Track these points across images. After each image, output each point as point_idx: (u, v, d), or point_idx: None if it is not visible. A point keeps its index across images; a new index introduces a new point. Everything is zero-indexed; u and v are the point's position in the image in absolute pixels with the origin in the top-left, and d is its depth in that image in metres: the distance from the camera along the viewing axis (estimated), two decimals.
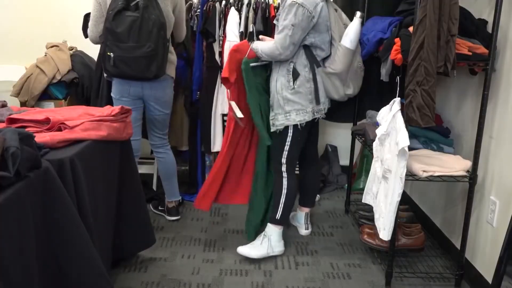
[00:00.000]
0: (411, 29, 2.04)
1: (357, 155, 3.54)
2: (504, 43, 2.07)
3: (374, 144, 2.25)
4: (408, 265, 2.45)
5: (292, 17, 2.28)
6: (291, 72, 2.40)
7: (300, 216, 2.84)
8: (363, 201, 2.40)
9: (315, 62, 2.42)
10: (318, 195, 3.36)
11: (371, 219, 2.58)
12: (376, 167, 2.24)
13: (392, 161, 2.07)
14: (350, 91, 2.51)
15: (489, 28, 2.09)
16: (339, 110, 3.04)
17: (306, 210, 2.84)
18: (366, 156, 3.46)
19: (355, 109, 2.95)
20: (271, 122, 2.50)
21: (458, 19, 1.91)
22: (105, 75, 2.68)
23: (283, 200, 2.53)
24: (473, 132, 2.19)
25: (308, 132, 2.55)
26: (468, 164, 2.17)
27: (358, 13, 2.41)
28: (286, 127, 2.45)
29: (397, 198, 2.05)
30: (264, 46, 2.41)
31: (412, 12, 2.08)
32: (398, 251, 2.40)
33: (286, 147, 2.49)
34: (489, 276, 2.09)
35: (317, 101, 2.44)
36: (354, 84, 2.52)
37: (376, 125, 2.39)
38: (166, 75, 2.61)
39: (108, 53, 2.41)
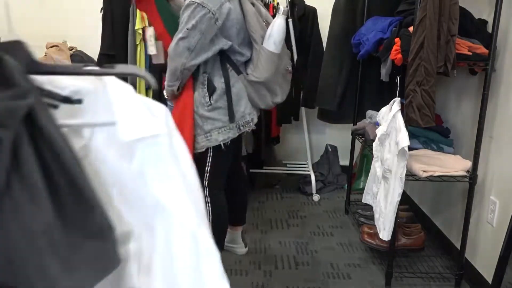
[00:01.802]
0: (411, 29, 2.04)
1: (357, 155, 3.54)
2: (504, 43, 2.07)
3: (374, 144, 2.25)
4: (408, 265, 2.45)
5: (187, 18, 1.90)
6: (205, 86, 2.04)
7: (237, 236, 2.54)
8: (363, 201, 2.41)
9: (235, 69, 2.07)
10: (318, 195, 3.36)
11: (371, 219, 2.59)
12: (376, 167, 2.24)
13: (392, 161, 2.07)
14: (278, 99, 2.19)
15: (489, 28, 2.09)
16: (339, 111, 3.05)
17: (240, 228, 2.54)
18: (366, 156, 3.46)
19: (355, 109, 2.95)
20: None
21: (458, 19, 1.91)
22: None
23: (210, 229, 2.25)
24: (473, 132, 2.19)
25: (236, 148, 2.26)
26: (468, 164, 2.17)
27: (281, 9, 2.04)
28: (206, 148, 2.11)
29: (397, 198, 2.05)
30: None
31: (412, 12, 2.08)
32: (398, 251, 2.40)
33: (207, 168, 2.14)
34: (489, 276, 2.09)
35: (231, 118, 2.06)
36: (282, 90, 2.20)
37: (376, 125, 2.39)
38: None
39: None
